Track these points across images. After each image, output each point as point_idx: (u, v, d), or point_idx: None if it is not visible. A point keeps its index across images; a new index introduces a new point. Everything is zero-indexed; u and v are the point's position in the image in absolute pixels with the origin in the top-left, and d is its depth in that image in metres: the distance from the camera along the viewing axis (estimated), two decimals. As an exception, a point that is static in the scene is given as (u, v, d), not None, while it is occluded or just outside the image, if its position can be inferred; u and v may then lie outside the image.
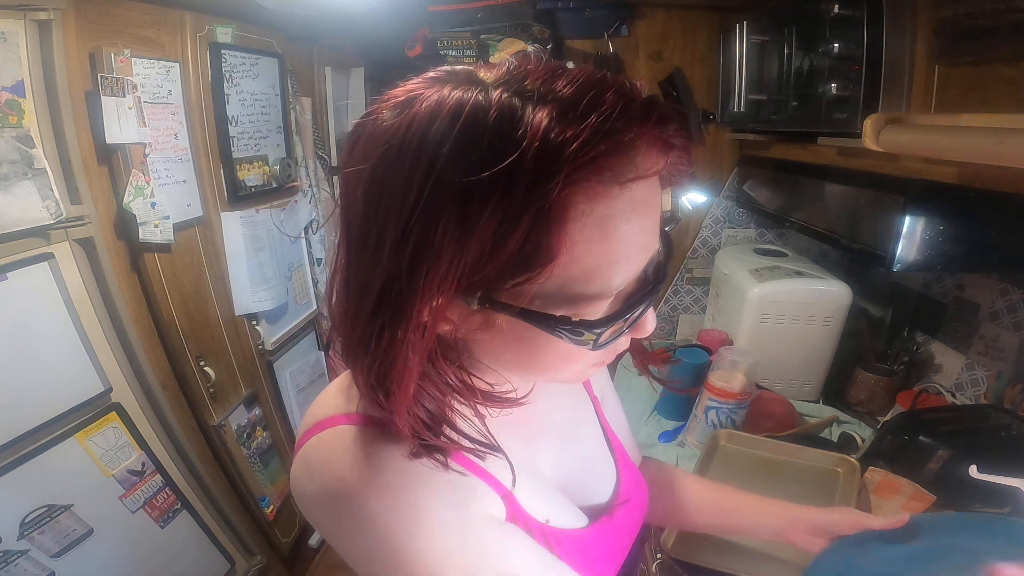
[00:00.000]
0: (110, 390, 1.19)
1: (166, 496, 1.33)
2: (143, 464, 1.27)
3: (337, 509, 0.41)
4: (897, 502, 1.00)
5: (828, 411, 1.49)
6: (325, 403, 0.48)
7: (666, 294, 2.01)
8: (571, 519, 0.56)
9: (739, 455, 1.24)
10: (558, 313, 0.38)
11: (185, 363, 1.37)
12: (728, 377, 1.33)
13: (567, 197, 0.33)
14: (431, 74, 0.39)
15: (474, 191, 0.33)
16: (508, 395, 0.45)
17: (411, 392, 0.40)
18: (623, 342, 0.46)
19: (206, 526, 1.44)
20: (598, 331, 0.39)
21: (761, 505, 0.75)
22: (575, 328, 0.38)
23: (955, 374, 1.38)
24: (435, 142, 0.34)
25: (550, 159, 0.32)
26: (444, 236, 0.33)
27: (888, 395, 1.45)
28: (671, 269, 0.44)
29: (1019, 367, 1.21)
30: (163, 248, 1.28)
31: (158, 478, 1.30)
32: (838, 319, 1.48)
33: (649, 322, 0.44)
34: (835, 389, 1.56)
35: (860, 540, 0.66)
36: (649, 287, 0.41)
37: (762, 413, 1.38)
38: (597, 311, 0.39)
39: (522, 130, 0.32)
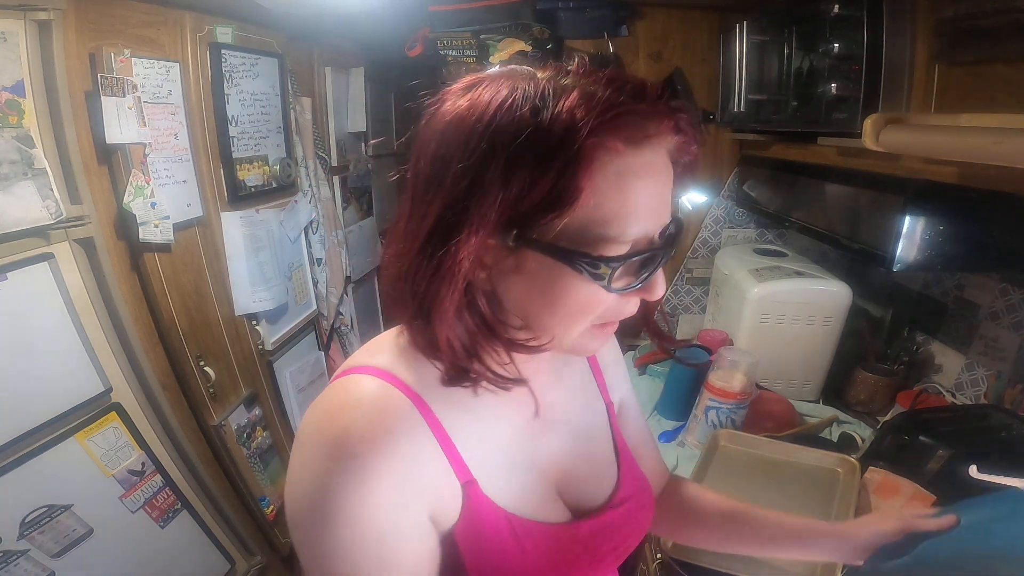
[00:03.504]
0: (110, 390, 1.19)
1: (166, 496, 1.33)
2: (143, 464, 1.27)
3: (301, 440, 0.48)
4: (897, 502, 1.00)
5: (828, 411, 1.49)
6: (355, 356, 0.55)
7: (667, 292, 2.00)
8: (548, 513, 0.57)
9: (739, 455, 1.25)
10: (580, 250, 0.44)
11: (185, 363, 1.37)
12: (728, 377, 1.33)
13: (590, 150, 0.42)
14: (496, 69, 0.48)
15: (519, 139, 0.42)
16: (530, 341, 0.51)
17: (453, 311, 0.46)
18: (631, 306, 0.51)
19: (206, 526, 1.44)
20: (613, 265, 0.45)
21: (801, 532, 0.72)
22: (594, 261, 0.44)
23: (955, 374, 1.38)
24: (493, 108, 0.43)
25: (576, 117, 0.41)
26: (494, 173, 0.42)
27: (888, 395, 1.45)
28: (681, 241, 0.51)
29: (1019, 367, 1.21)
30: (163, 248, 1.28)
31: (158, 478, 1.30)
32: (838, 319, 1.48)
33: (659, 285, 0.49)
34: (835, 389, 1.56)
35: (908, 546, 0.65)
36: (659, 246, 0.48)
37: (762, 413, 1.38)
38: (613, 253, 0.45)
39: (559, 100, 0.42)
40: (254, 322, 1.60)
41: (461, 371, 0.49)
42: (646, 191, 0.45)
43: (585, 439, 0.65)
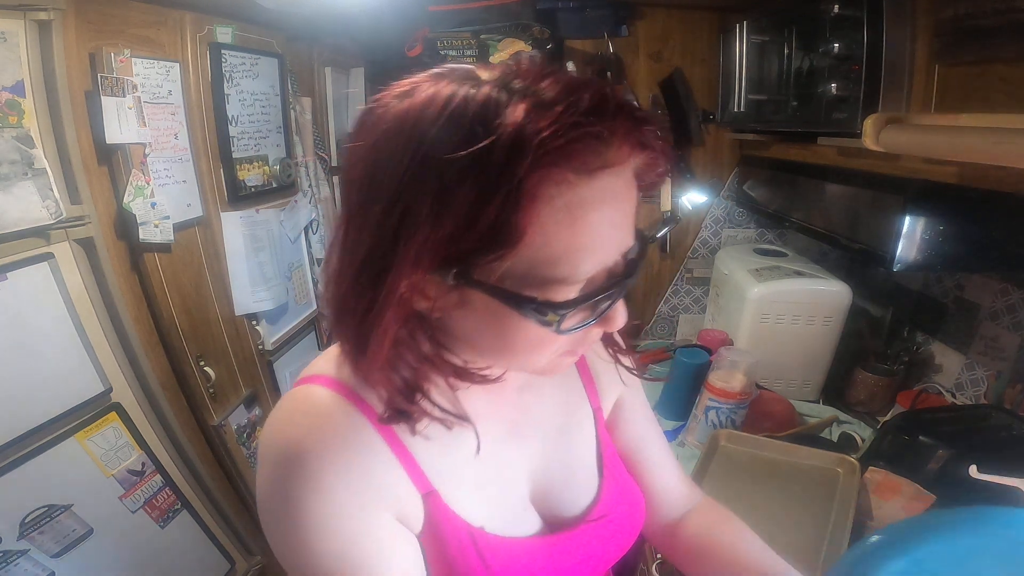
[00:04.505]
0: (110, 390, 1.19)
1: (166, 496, 1.33)
2: (143, 464, 1.27)
3: (260, 453, 0.47)
4: (897, 502, 1.00)
5: (828, 411, 1.49)
6: (315, 364, 0.52)
7: (666, 294, 2.01)
8: (518, 526, 0.55)
9: (739, 455, 1.24)
10: (526, 293, 0.39)
11: (185, 363, 1.37)
12: (728, 377, 1.33)
13: (537, 181, 0.36)
14: (436, 70, 0.41)
15: (453, 169, 0.36)
16: (482, 371, 0.48)
17: (385, 353, 0.42)
18: (594, 335, 0.48)
19: (206, 526, 1.44)
20: (562, 313, 0.40)
21: None
22: (540, 308, 0.39)
23: (955, 374, 1.38)
24: (425, 125, 0.37)
25: (521, 144, 0.35)
26: (423, 208, 0.37)
27: (888, 395, 1.45)
28: (641, 267, 0.45)
29: (1019, 367, 1.21)
30: (163, 248, 1.28)
31: (158, 478, 1.30)
32: (838, 319, 1.48)
33: (618, 316, 0.45)
34: (835, 389, 1.56)
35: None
36: (617, 280, 0.43)
37: (762, 413, 1.38)
38: (564, 295, 0.40)
39: (500, 119, 0.35)
40: (254, 322, 1.60)
41: (397, 412, 0.46)
42: (602, 222, 0.39)
43: (564, 447, 0.61)
